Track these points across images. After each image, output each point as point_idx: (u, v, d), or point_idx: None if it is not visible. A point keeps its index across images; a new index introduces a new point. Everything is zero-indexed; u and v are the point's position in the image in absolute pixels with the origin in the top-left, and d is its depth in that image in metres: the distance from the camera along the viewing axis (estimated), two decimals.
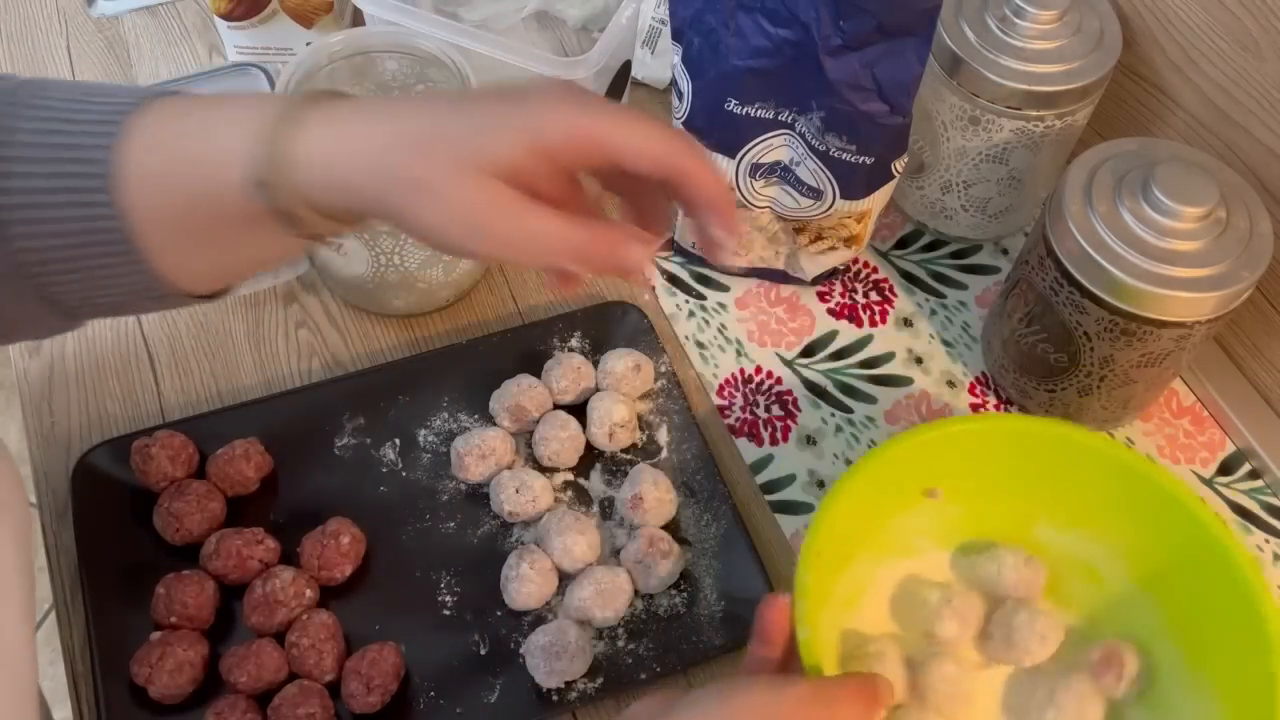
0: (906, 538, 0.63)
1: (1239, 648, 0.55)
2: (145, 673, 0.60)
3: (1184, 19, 0.73)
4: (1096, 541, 0.62)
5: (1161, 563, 0.60)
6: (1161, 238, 0.62)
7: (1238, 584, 0.56)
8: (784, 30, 0.63)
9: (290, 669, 0.61)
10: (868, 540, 0.61)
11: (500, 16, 0.89)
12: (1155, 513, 0.59)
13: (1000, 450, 0.61)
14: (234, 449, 0.67)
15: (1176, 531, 0.58)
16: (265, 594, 0.62)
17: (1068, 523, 0.62)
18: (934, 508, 0.63)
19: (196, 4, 0.96)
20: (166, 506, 0.65)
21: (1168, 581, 0.60)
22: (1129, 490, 0.60)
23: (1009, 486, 0.62)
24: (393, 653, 0.62)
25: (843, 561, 0.59)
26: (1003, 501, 0.62)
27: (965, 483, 0.62)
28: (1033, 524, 0.63)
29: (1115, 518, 0.61)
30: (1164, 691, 0.59)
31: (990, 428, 0.63)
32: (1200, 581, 0.58)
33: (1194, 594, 0.58)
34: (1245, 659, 0.54)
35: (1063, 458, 0.61)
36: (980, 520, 0.63)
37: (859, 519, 0.58)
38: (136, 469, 0.66)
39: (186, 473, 0.67)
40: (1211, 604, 0.57)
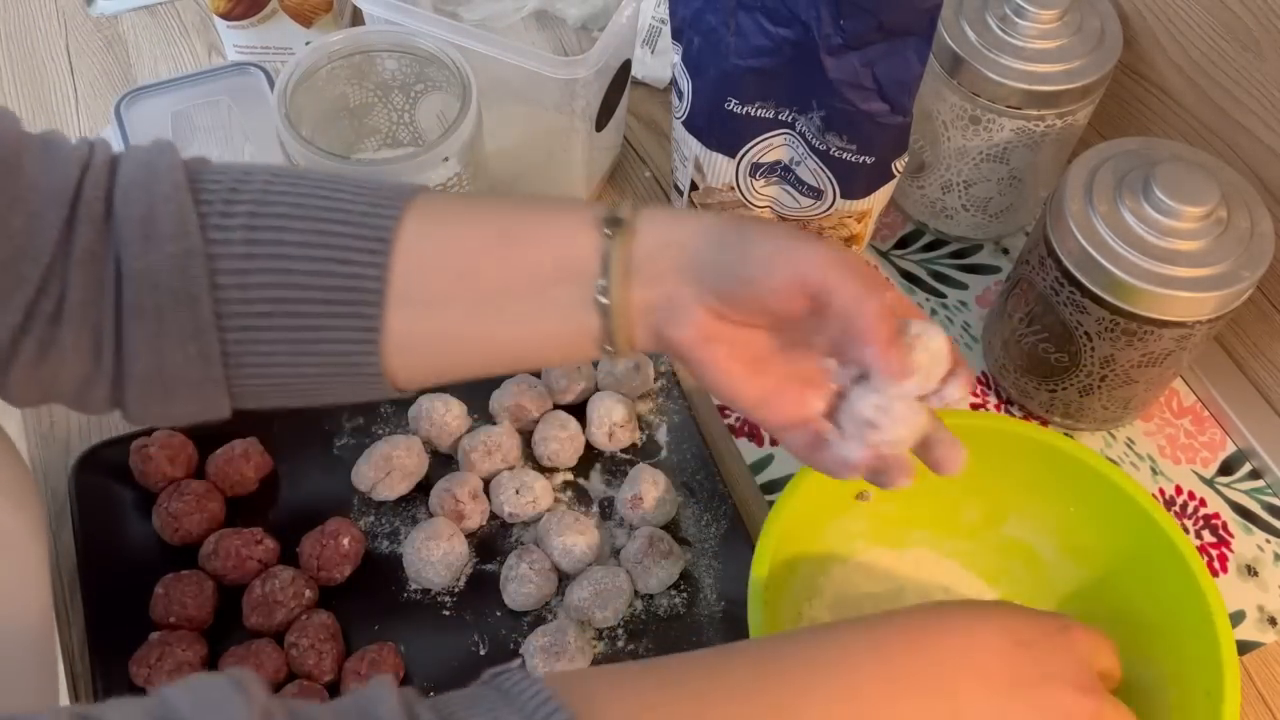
0: (844, 540, 0.63)
1: (1186, 634, 0.54)
2: (144, 673, 0.60)
3: (1184, 19, 0.73)
4: (1036, 529, 0.62)
5: (1101, 547, 0.59)
6: (1162, 237, 0.62)
7: (1180, 567, 0.55)
8: (784, 29, 0.63)
9: (290, 669, 0.61)
10: (810, 547, 0.61)
11: (500, 16, 0.89)
12: (1087, 495, 0.59)
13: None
14: (233, 449, 0.67)
15: (1111, 514, 0.58)
16: (265, 594, 0.62)
17: (1002, 512, 0.62)
18: (867, 509, 0.62)
19: (196, 3, 0.95)
20: (165, 506, 0.65)
21: (1109, 566, 0.59)
22: (1058, 473, 0.59)
23: (942, 481, 0.60)
24: (392, 653, 0.62)
25: (790, 571, 0.60)
26: (935, 495, 0.60)
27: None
28: (962, 513, 0.63)
29: (1048, 502, 0.60)
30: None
31: None
32: (1144, 567, 0.57)
33: (1138, 578, 0.58)
34: (1192, 646, 0.54)
35: (992, 449, 0.59)
36: (912, 518, 0.63)
37: (802, 527, 0.58)
38: (136, 469, 0.66)
39: (186, 473, 0.66)
40: (1156, 589, 0.57)
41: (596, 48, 0.70)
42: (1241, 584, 0.70)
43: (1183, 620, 0.55)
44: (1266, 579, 0.70)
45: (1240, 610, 0.69)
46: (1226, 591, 0.69)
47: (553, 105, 0.74)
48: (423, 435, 0.70)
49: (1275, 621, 0.69)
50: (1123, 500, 0.58)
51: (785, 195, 0.72)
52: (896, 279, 0.82)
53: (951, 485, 0.58)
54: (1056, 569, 0.62)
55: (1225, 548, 0.72)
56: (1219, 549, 0.71)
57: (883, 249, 0.83)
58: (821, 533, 0.62)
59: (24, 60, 0.92)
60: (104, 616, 0.63)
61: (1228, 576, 0.70)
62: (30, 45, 0.93)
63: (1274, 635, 0.68)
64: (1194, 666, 0.54)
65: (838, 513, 0.62)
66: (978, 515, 0.63)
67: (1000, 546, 0.63)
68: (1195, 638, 0.54)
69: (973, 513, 0.63)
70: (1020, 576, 0.63)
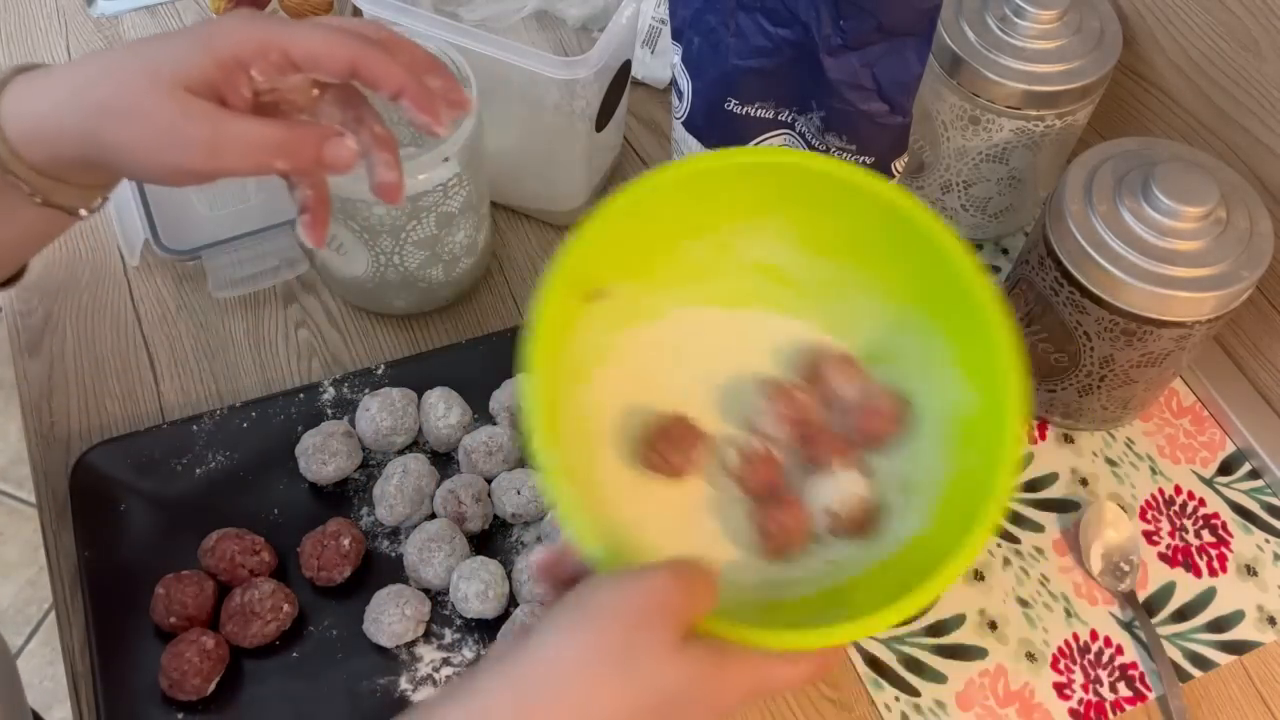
0: (601, 348, 0.55)
1: (938, 280, 0.52)
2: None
3: (1184, 19, 0.73)
4: (772, 248, 0.57)
5: (840, 239, 0.55)
6: (1162, 237, 0.62)
7: (912, 234, 0.52)
8: (784, 30, 0.63)
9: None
10: (566, 382, 0.52)
11: (500, 16, 0.89)
12: (809, 196, 0.54)
13: (641, 216, 0.53)
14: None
15: (840, 208, 0.54)
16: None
17: (729, 243, 0.57)
18: (607, 306, 0.54)
19: (196, 3, 0.96)
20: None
21: (853, 254, 0.55)
22: (774, 185, 0.54)
23: (661, 244, 0.55)
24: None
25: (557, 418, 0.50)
26: (664, 260, 0.56)
27: (623, 266, 0.54)
28: (690, 258, 0.56)
29: (774, 216, 0.56)
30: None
31: (626, 201, 0.52)
32: (886, 244, 0.54)
33: (883, 255, 0.54)
34: (946, 288, 0.51)
35: (704, 187, 0.55)
36: (652, 286, 0.56)
37: (555, 369, 0.50)
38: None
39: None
40: (904, 261, 0.53)
41: (596, 48, 0.70)
42: (1241, 584, 0.70)
43: (937, 279, 0.52)
44: (1266, 579, 0.70)
45: (1240, 610, 0.69)
46: (1226, 591, 0.70)
47: (553, 105, 0.74)
48: (424, 435, 0.70)
49: (1275, 621, 0.69)
50: (849, 190, 0.53)
51: None
52: None
53: (674, 239, 0.55)
54: (806, 271, 0.57)
55: (1225, 548, 0.72)
56: (1218, 549, 0.72)
57: None
58: (570, 357, 0.53)
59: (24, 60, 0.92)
60: (104, 616, 0.63)
61: (1227, 576, 0.70)
62: (30, 45, 0.93)
63: (1274, 635, 0.68)
64: (964, 320, 0.51)
65: (574, 325, 0.53)
66: (707, 253, 0.57)
67: (742, 271, 0.58)
68: (952, 290, 0.51)
69: (703, 253, 0.57)
70: (776, 291, 0.58)
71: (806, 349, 0.57)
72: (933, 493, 0.51)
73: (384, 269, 0.72)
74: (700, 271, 0.57)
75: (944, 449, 0.52)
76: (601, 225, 0.51)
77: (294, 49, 0.48)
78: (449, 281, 0.76)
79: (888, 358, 0.55)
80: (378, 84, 0.50)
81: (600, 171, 0.84)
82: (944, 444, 0.52)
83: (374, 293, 0.75)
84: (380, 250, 0.70)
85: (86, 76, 0.48)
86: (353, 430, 0.69)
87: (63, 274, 0.79)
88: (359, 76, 0.49)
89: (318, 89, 0.53)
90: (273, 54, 0.48)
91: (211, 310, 0.78)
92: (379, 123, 0.53)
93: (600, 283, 0.54)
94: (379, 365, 0.73)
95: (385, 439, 0.69)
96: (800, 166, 0.54)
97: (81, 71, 0.49)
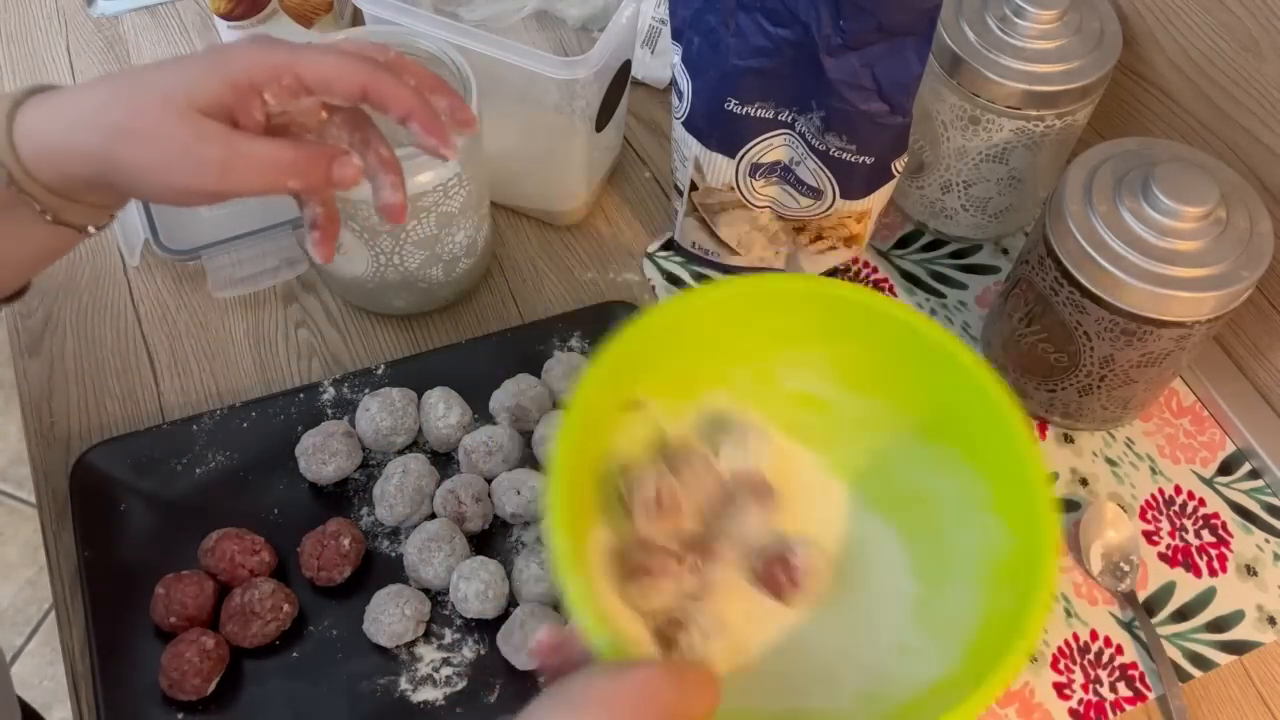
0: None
1: (975, 421, 0.53)
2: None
3: (1184, 19, 0.73)
4: (809, 376, 0.58)
5: (876, 372, 0.56)
6: (1162, 237, 0.62)
7: (953, 368, 0.53)
8: (784, 30, 0.63)
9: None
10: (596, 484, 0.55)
11: (500, 16, 0.89)
12: (849, 328, 0.56)
13: (684, 332, 0.55)
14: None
15: (876, 338, 0.55)
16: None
17: (771, 369, 0.58)
18: (644, 415, 0.56)
19: (196, 3, 0.96)
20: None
21: (889, 387, 0.56)
22: (816, 315, 0.56)
23: (704, 365, 0.57)
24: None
25: (584, 515, 0.53)
26: (704, 382, 0.57)
27: (662, 379, 0.56)
28: (736, 381, 0.58)
29: (812, 346, 0.57)
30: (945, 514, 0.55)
31: (669, 315, 0.55)
32: (924, 380, 0.54)
33: (921, 392, 0.55)
34: (984, 429, 0.52)
35: (746, 310, 0.56)
36: (689, 403, 0.58)
37: (585, 467, 0.53)
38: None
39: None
40: (940, 395, 0.54)
41: (596, 48, 0.70)
42: (1241, 584, 0.70)
43: (971, 415, 0.53)
44: (1266, 579, 0.70)
45: (1240, 610, 0.69)
46: (1226, 591, 0.70)
47: (553, 105, 0.74)
48: (424, 435, 0.70)
49: (1275, 621, 0.69)
50: (883, 321, 0.55)
51: (785, 195, 0.72)
52: (896, 279, 0.82)
53: (717, 361, 0.56)
54: (843, 406, 0.58)
55: (1225, 548, 0.72)
56: (1218, 549, 0.72)
57: (883, 249, 0.84)
58: (605, 460, 0.55)
59: (24, 60, 0.92)
60: (104, 616, 0.63)
61: (1227, 576, 0.70)
62: (30, 45, 0.93)
63: (1273, 635, 0.68)
64: (998, 459, 0.52)
65: (616, 429, 0.56)
66: (749, 381, 0.58)
67: (784, 401, 0.59)
68: (987, 428, 0.52)
69: (745, 380, 0.58)
70: (812, 422, 0.59)
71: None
72: (963, 635, 0.51)
73: (384, 269, 0.72)
74: (742, 394, 0.58)
75: (978, 591, 0.52)
76: (644, 332, 0.53)
77: (306, 72, 0.49)
78: (449, 281, 0.76)
79: (922, 501, 0.56)
80: (387, 107, 0.51)
81: (600, 172, 0.84)
82: (978, 586, 0.52)
83: (374, 293, 0.75)
84: (380, 250, 0.70)
85: (100, 97, 0.49)
86: (353, 430, 0.69)
87: (63, 274, 0.79)
88: (369, 100, 0.50)
89: (326, 112, 0.54)
90: (285, 77, 0.49)
91: (211, 310, 0.78)
92: (385, 146, 0.54)
93: (638, 393, 0.56)
94: (379, 365, 0.73)
95: (385, 439, 0.69)
96: (845, 299, 0.56)
97: (95, 92, 0.49)
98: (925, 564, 0.55)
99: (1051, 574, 0.48)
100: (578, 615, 0.45)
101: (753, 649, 0.53)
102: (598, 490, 0.54)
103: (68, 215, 0.51)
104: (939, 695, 0.49)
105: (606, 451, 0.55)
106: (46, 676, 1.47)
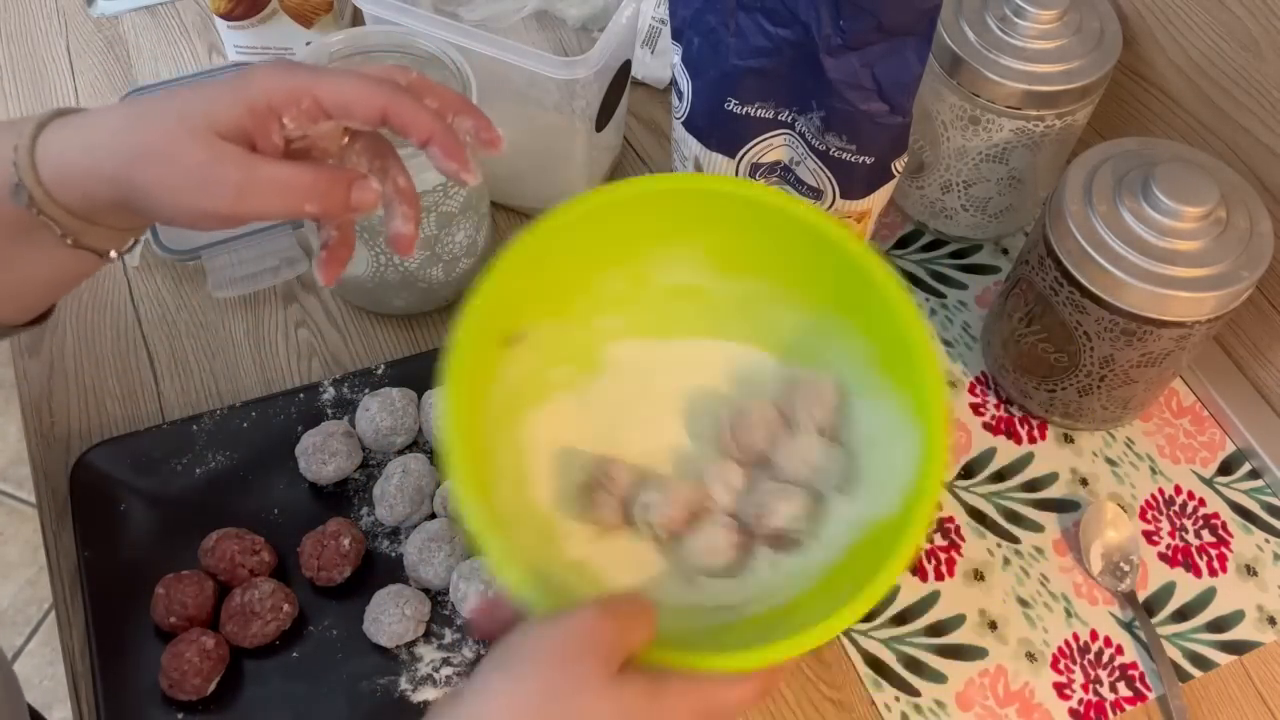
0: (525, 392, 0.55)
1: (852, 289, 0.52)
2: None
3: (1184, 19, 0.73)
4: (689, 270, 0.57)
5: (751, 258, 0.56)
6: (1162, 237, 0.62)
7: (817, 243, 0.53)
8: (784, 30, 0.63)
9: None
10: (494, 428, 0.53)
11: (500, 16, 0.89)
12: (721, 218, 0.55)
13: (553, 253, 0.55)
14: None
15: (750, 226, 0.55)
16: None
17: (647, 270, 0.57)
18: (524, 350, 0.55)
19: (196, 3, 0.96)
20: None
21: (764, 270, 0.56)
22: (689, 211, 0.55)
23: (575, 280, 0.56)
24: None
25: (487, 466, 0.52)
26: (579, 297, 0.56)
27: (538, 305, 0.55)
28: (609, 288, 0.57)
29: (687, 239, 0.56)
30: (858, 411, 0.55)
31: (534, 239, 0.54)
32: (794, 258, 0.54)
33: (794, 269, 0.55)
34: (861, 294, 0.52)
35: (621, 216, 0.56)
36: (575, 324, 0.57)
37: (478, 416, 0.51)
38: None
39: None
40: (813, 273, 0.54)
41: (596, 48, 0.70)
42: (1241, 584, 0.70)
43: (840, 279, 0.53)
44: (1266, 579, 0.70)
45: (1240, 610, 0.69)
46: (1226, 591, 0.70)
47: (553, 105, 0.74)
48: (424, 435, 0.70)
49: (1275, 621, 0.69)
50: (747, 206, 0.54)
51: None
52: None
53: (588, 273, 0.56)
54: (721, 292, 0.58)
55: (1225, 548, 0.72)
56: (1218, 549, 0.72)
57: (883, 249, 0.84)
58: (494, 401, 0.54)
59: (24, 60, 0.92)
60: (104, 616, 0.63)
61: (1227, 576, 0.70)
62: (30, 45, 0.93)
63: (1273, 635, 0.68)
64: (868, 310, 0.52)
65: (495, 370, 0.54)
66: (623, 285, 0.58)
67: (662, 298, 0.58)
68: (855, 287, 0.52)
69: (618, 284, 0.58)
70: (691, 313, 0.58)
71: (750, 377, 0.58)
72: (875, 492, 0.51)
73: (384, 269, 0.72)
74: (620, 303, 0.58)
75: (878, 452, 0.52)
76: (507, 269, 0.52)
77: (326, 97, 0.49)
78: (449, 281, 0.76)
79: (812, 360, 0.56)
80: (407, 131, 0.50)
81: (600, 172, 0.84)
82: (876, 447, 0.52)
83: (374, 293, 0.75)
84: (380, 250, 0.70)
85: (121, 120, 0.49)
86: (353, 430, 0.69)
87: None
88: (389, 124, 0.50)
89: (347, 136, 0.53)
90: (305, 101, 0.49)
91: (211, 310, 0.78)
92: (404, 175, 0.54)
93: (516, 327, 0.55)
94: (379, 365, 0.73)
95: (385, 439, 0.69)
96: (705, 190, 0.55)
97: (117, 115, 0.49)
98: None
99: (942, 412, 0.48)
100: (501, 575, 0.46)
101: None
102: (495, 438, 0.53)
103: (88, 239, 0.51)
104: (859, 557, 0.49)
105: (492, 392, 0.53)
106: (46, 676, 1.47)
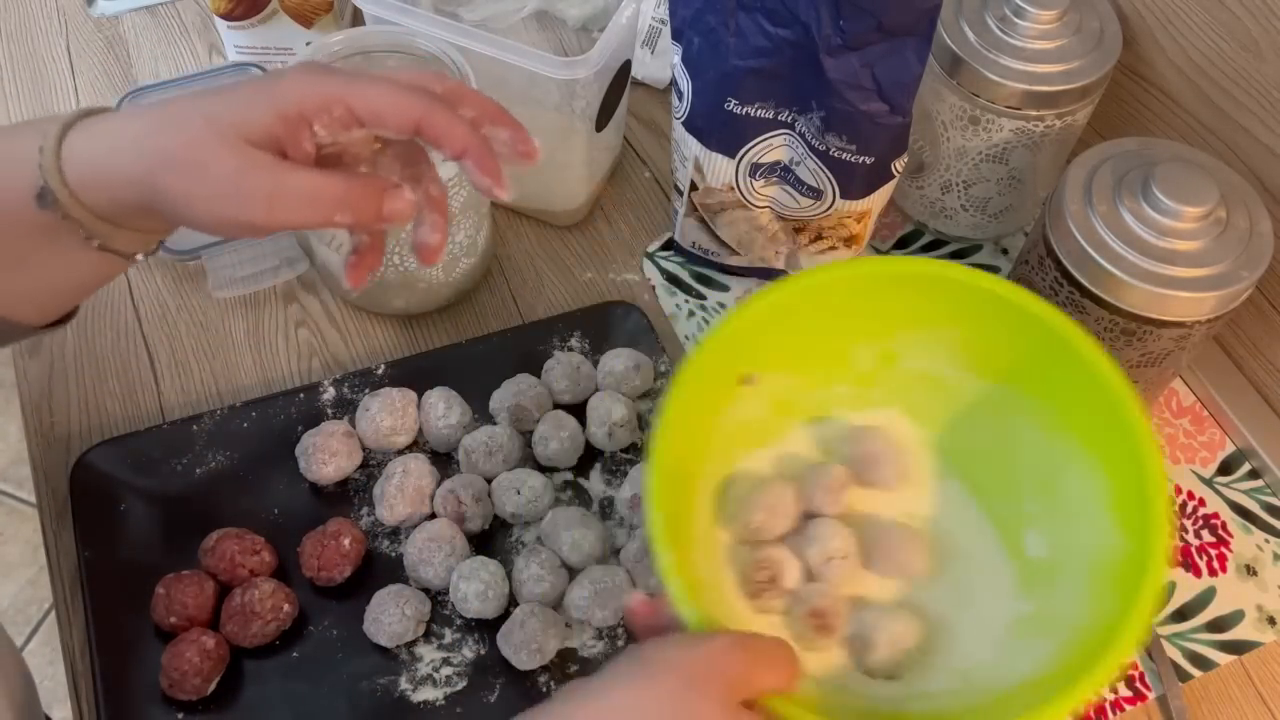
0: (746, 435, 0.58)
1: (1100, 418, 0.53)
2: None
3: (1184, 19, 0.73)
4: (931, 356, 0.59)
5: (997, 354, 0.57)
6: (1161, 238, 0.62)
7: (1072, 357, 0.53)
8: (784, 30, 0.63)
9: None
10: (704, 456, 0.56)
11: (500, 16, 0.89)
12: (971, 311, 0.56)
13: (805, 310, 0.57)
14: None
15: (999, 322, 0.56)
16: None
17: (893, 351, 0.59)
18: (756, 391, 0.58)
19: (196, 3, 0.96)
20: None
21: (1009, 368, 0.57)
22: (939, 299, 0.57)
23: (829, 338, 0.58)
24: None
25: (688, 488, 0.55)
26: (824, 355, 0.58)
27: (779, 355, 0.57)
28: (857, 364, 0.60)
29: (936, 327, 0.58)
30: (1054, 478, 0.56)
31: (790, 293, 0.56)
32: (1042, 363, 0.55)
33: (1038, 374, 0.56)
34: (1109, 427, 0.52)
35: (869, 291, 0.57)
36: (806, 386, 0.59)
37: (691, 439, 0.54)
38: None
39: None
40: (1057, 380, 0.55)
41: (596, 48, 0.70)
42: (1240, 584, 0.70)
43: (1089, 403, 0.53)
44: (1266, 579, 0.70)
45: (1239, 610, 0.69)
46: (1226, 591, 0.70)
47: (553, 105, 0.74)
48: (424, 435, 0.70)
49: (1274, 621, 0.69)
50: (1007, 308, 0.55)
51: (785, 195, 0.72)
52: None
53: (839, 340, 0.58)
54: (960, 385, 0.59)
55: (1224, 547, 0.72)
56: (1218, 549, 0.72)
57: (883, 249, 0.84)
58: (715, 432, 0.57)
59: (24, 60, 0.92)
60: (104, 616, 0.63)
61: (1227, 576, 0.70)
62: (30, 45, 0.93)
63: (1273, 635, 0.68)
64: (1114, 447, 0.52)
65: (725, 405, 0.57)
66: (872, 361, 0.60)
67: (903, 382, 0.60)
68: (1104, 417, 0.52)
69: (867, 360, 0.60)
70: (928, 400, 0.60)
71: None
72: (1063, 635, 0.51)
73: (384, 269, 0.72)
74: (861, 376, 0.60)
75: (1085, 593, 0.52)
76: (758, 311, 0.54)
77: (358, 105, 0.48)
78: (449, 281, 0.76)
79: (1042, 492, 0.56)
80: (440, 144, 0.49)
81: (600, 172, 0.84)
82: (1086, 587, 0.52)
83: (374, 293, 0.75)
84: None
85: (148, 123, 0.47)
86: (353, 430, 0.69)
87: None
88: (422, 135, 0.49)
89: (379, 143, 0.52)
90: (336, 109, 0.47)
91: (211, 310, 0.78)
92: (436, 184, 0.53)
93: (750, 368, 0.56)
94: (379, 365, 0.73)
95: (385, 439, 0.69)
96: (970, 284, 0.56)
97: (142, 117, 0.48)
98: (1033, 557, 0.56)
99: (1159, 582, 0.48)
100: (667, 586, 0.47)
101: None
102: (702, 466, 0.56)
103: (114, 242, 0.50)
104: (1028, 692, 0.49)
105: (714, 425, 0.56)
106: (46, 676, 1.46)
